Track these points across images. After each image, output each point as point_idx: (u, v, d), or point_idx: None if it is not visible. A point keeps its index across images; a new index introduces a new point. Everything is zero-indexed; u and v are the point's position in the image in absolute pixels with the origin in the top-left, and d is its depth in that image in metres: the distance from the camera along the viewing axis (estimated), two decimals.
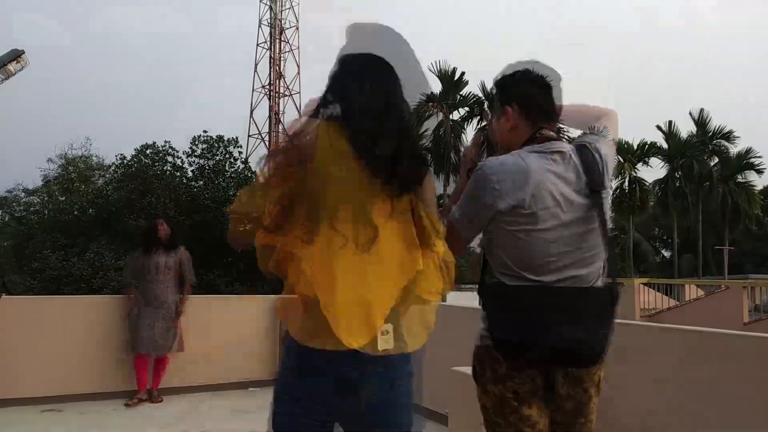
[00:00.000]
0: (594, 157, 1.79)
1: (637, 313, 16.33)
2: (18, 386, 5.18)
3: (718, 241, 35.84)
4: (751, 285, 17.02)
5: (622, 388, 3.36)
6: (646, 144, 33.03)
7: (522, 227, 1.69)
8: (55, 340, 5.35)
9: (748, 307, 15.23)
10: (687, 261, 39.41)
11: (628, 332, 3.50)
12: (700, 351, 3.00)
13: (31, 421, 4.80)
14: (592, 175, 1.75)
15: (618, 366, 3.40)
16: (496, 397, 1.75)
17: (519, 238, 1.70)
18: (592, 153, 1.80)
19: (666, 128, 34.01)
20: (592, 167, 1.76)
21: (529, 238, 1.69)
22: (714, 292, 16.54)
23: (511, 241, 1.71)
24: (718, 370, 2.86)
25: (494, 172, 1.72)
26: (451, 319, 4.99)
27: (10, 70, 20.27)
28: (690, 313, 15.24)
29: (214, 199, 20.97)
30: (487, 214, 1.73)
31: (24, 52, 20.89)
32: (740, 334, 2.93)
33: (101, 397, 5.29)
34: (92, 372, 5.38)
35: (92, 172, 26.48)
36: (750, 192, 34.10)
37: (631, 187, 32.26)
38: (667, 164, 34.23)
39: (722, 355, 2.87)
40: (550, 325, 1.64)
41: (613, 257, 1.82)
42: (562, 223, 1.69)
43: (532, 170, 1.70)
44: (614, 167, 1.92)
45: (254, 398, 5.55)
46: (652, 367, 3.20)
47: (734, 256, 37.35)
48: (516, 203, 1.68)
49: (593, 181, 1.74)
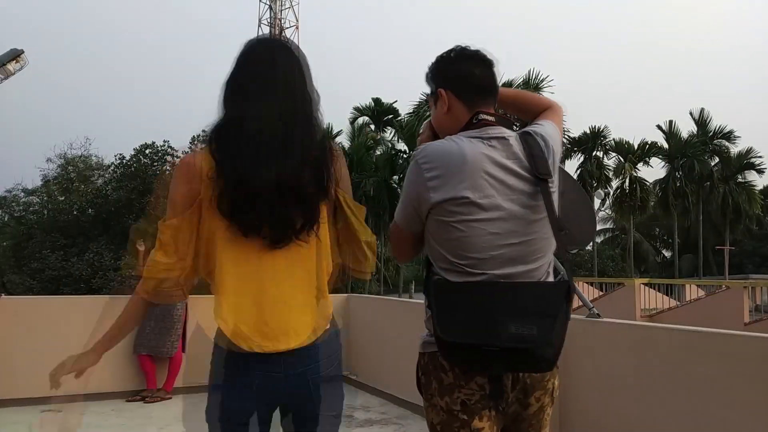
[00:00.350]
0: (539, 143, 1.66)
1: (637, 313, 16.32)
2: (17, 386, 5.17)
3: (718, 241, 35.86)
4: (751, 285, 17.02)
5: (623, 387, 3.35)
6: (646, 144, 33.05)
7: (460, 218, 1.55)
8: (54, 340, 5.34)
9: (749, 308, 15.22)
10: (687, 261, 39.41)
11: (628, 331, 3.49)
12: (700, 351, 2.99)
13: (30, 421, 4.80)
14: (537, 163, 1.62)
15: (618, 365, 3.41)
16: (443, 410, 1.60)
17: (458, 230, 1.56)
18: (536, 140, 1.67)
19: (666, 128, 34.03)
20: (536, 154, 1.63)
21: (469, 230, 1.55)
22: (714, 293, 16.53)
23: (449, 233, 1.57)
24: (719, 370, 2.85)
25: (426, 161, 1.59)
26: None
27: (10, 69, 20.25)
28: (690, 314, 15.23)
29: None
30: (423, 207, 1.60)
31: (23, 51, 20.87)
32: (741, 335, 2.92)
33: (101, 398, 5.28)
34: (92, 372, 5.37)
35: (91, 172, 26.48)
36: (751, 192, 34.11)
37: (631, 187, 32.29)
38: (667, 164, 34.24)
39: (723, 356, 2.86)
40: (497, 325, 1.46)
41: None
42: (503, 214, 1.57)
43: (468, 157, 1.56)
44: (561, 156, 1.78)
45: None
46: (653, 367, 3.19)
47: (735, 256, 37.37)
48: (452, 193, 1.55)
49: (538, 169, 1.61)
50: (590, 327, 3.68)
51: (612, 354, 3.47)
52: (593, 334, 3.64)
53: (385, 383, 5.64)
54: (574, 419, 3.69)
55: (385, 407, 5.37)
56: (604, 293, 18.90)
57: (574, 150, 31.94)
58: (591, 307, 4.04)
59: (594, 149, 31.95)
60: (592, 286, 20.37)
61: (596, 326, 3.66)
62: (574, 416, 3.70)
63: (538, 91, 30.39)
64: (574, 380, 3.71)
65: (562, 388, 4.03)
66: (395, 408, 5.29)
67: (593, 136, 31.95)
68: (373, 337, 6.04)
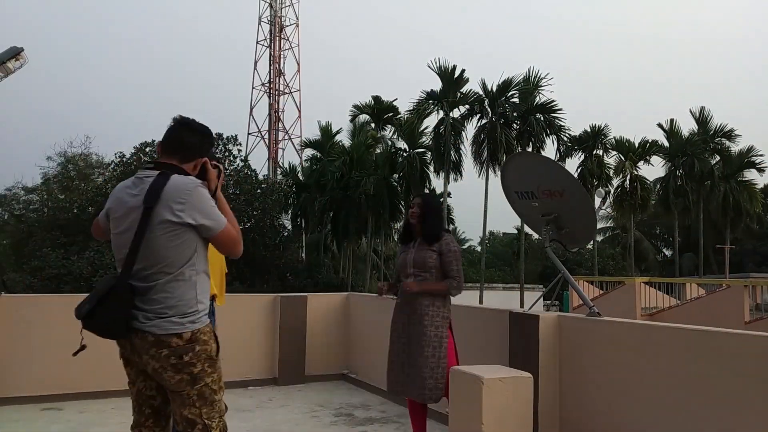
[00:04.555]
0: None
1: (637, 312, 16.31)
2: (18, 385, 5.18)
3: (719, 240, 35.80)
4: (752, 284, 16.99)
5: (623, 386, 3.35)
6: (647, 142, 32.96)
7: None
8: (54, 338, 5.34)
9: (749, 306, 15.20)
10: (688, 260, 39.37)
11: (628, 330, 3.48)
12: (700, 350, 2.99)
13: (31, 419, 4.80)
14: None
15: (618, 364, 3.40)
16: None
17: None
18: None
19: (667, 126, 33.96)
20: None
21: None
22: (715, 291, 16.51)
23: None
24: (719, 368, 2.85)
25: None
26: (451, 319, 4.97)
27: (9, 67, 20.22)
28: (691, 312, 15.22)
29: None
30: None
31: (23, 49, 20.84)
32: (741, 333, 2.92)
33: (101, 396, 5.28)
34: (92, 370, 5.36)
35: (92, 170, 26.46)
36: (751, 190, 34.03)
37: (632, 186, 32.22)
38: (668, 163, 34.17)
39: (723, 354, 2.86)
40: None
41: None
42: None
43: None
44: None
45: (254, 397, 5.55)
46: (653, 367, 3.18)
47: (735, 254, 37.32)
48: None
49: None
50: (590, 326, 3.67)
51: (612, 353, 3.46)
52: (593, 332, 3.64)
53: (385, 382, 5.63)
54: (575, 417, 3.69)
55: (384, 405, 5.37)
56: (605, 292, 18.90)
57: (574, 148, 31.87)
58: (591, 306, 4.04)
59: (594, 147, 31.88)
60: (593, 284, 20.37)
61: (596, 325, 3.65)
62: (575, 414, 3.70)
63: (537, 90, 30.34)
64: (574, 378, 3.71)
65: (562, 386, 4.04)
66: (395, 407, 5.29)
67: (594, 134, 31.87)
68: (372, 336, 6.03)
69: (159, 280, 2.25)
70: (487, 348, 4.35)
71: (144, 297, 2.24)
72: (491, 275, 38.85)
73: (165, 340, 2.23)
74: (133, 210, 2.27)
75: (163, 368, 2.25)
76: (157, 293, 2.25)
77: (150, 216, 2.22)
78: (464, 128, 31.17)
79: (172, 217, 2.23)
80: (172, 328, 2.24)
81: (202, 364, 2.30)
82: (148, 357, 2.26)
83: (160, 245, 2.23)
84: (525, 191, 4.41)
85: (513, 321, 4.09)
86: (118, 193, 2.39)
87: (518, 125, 30.64)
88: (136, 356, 2.29)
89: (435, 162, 30.98)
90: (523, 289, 30.13)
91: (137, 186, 2.31)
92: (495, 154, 29.49)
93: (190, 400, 2.28)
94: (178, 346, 2.24)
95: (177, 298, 2.26)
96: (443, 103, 30.50)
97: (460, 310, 5.01)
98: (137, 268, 2.24)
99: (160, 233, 2.23)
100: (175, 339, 2.24)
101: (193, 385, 2.28)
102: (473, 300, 27.58)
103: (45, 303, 5.77)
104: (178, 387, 2.27)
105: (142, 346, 2.25)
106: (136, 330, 2.23)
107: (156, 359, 2.25)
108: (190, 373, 2.26)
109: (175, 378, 2.26)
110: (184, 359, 2.25)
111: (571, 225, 4.27)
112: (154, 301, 2.24)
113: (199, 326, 2.31)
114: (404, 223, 4.11)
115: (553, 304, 23.76)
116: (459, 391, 3.44)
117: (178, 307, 2.25)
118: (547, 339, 3.76)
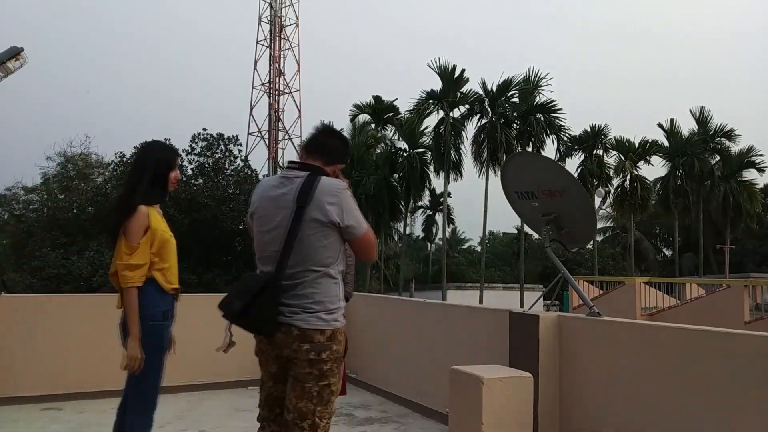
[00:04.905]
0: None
1: (637, 312, 16.30)
2: (18, 385, 5.17)
3: (719, 240, 35.81)
4: (752, 284, 16.98)
5: (623, 386, 3.35)
6: (647, 142, 32.99)
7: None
8: (54, 338, 5.34)
9: (749, 306, 15.19)
10: (688, 260, 39.39)
11: (628, 330, 3.48)
12: (700, 350, 2.99)
13: (31, 419, 4.80)
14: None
15: (618, 364, 3.40)
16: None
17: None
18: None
19: (667, 126, 33.97)
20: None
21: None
22: (715, 291, 16.49)
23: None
24: (719, 368, 2.85)
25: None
26: (451, 319, 4.98)
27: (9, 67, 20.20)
28: (691, 312, 15.21)
29: (213, 198, 20.93)
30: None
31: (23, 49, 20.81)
32: (741, 333, 2.92)
33: (101, 396, 5.27)
34: (92, 370, 5.36)
35: (91, 170, 26.44)
36: (751, 190, 34.05)
37: (632, 186, 32.24)
38: (668, 162, 34.19)
39: (723, 354, 2.85)
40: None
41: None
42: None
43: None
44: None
45: (254, 397, 5.53)
46: (653, 367, 3.18)
47: (735, 254, 37.32)
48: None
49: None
50: (591, 325, 3.67)
51: (612, 353, 3.46)
52: (594, 332, 3.64)
53: (385, 382, 5.64)
54: (575, 417, 3.69)
55: (384, 405, 5.36)
56: (605, 292, 18.89)
57: (574, 148, 31.90)
58: (591, 306, 4.04)
59: (594, 147, 31.90)
60: (593, 284, 20.36)
61: (597, 325, 3.65)
62: (575, 414, 3.69)
63: (537, 90, 30.35)
64: (574, 378, 3.71)
65: (562, 386, 4.03)
66: (395, 406, 5.29)
67: (594, 134, 31.90)
68: (372, 336, 6.03)
69: (307, 278, 2.30)
70: (487, 348, 4.34)
71: (290, 293, 2.29)
72: (491, 275, 38.83)
73: (309, 335, 2.27)
74: (282, 208, 2.32)
75: (299, 360, 2.29)
76: (305, 289, 2.30)
77: (302, 215, 2.27)
78: (464, 128, 31.22)
79: (322, 217, 2.28)
80: (318, 323, 2.29)
81: (332, 364, 2.33)
82: (289, 350, 2.30)
83: (310, 244, 2.29)
84: (525, 191, 4.41)
85: (513, 321, 4.08)
86: (265, 192, 2.44)
87: (518, 125, 30.66)
88: (276, 350, 2.34)
89: (435, 162, 30.99)
90: (523, 289, 30.14)
91: (285, 185, 2.36)
92: (495, 154, 29.51)
93: (310, 394, 2.30)
94: (319, 343, 2.29)
95: (323, 294, 2.32)
96: (443, 103, 30.51)
97: (460, 310, 5.01)
98: (287, 265, 2.29)
99: (311, 232, 2.28)
100: (318, 335, 2.29)
101: (318, 381, 2.30)
102: (473, 300, 27.59)
103: (45, 303, 5.77)
104: (305, 378, 2.30)
105: (285, 340, 2.29)
106: (280, 324, 2.28)
107: (296, 352, 2.29)
108: (320, 370, 2.30)
109: (306, 370, 2.29)
110: (322, 356, 2.29)
111: (571, 225, 4.27)
112: (302, 296, 2.29)
113: (339, 326, 2.37)
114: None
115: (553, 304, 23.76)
116: (459, 391, 3.44)
117: (324, 303, 2.31)
118: (547, 339, 3.76)
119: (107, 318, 5.60)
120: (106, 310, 5.58)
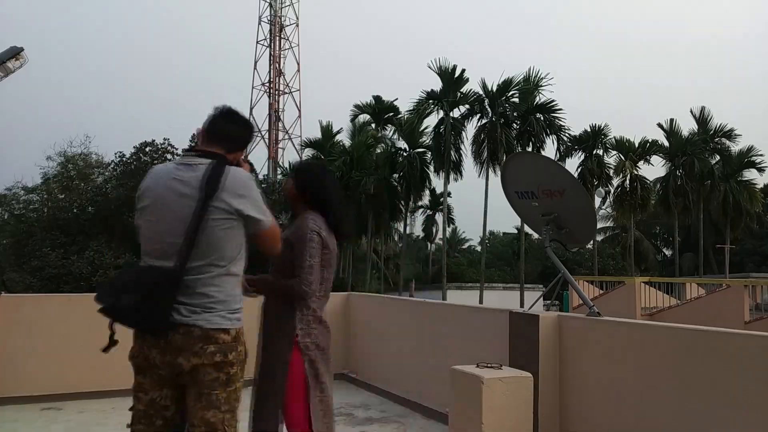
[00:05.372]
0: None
1: (637, 312, 16.30)
2: (18, 384, 5.17)
3: (719, 240, 35.81)
4: (752, 284, 16.99)
5: (623, 386, 3.35)
6: (647, 142, 32.98)
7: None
8: (54, 338, 5.34)
9: (749, 306, 15.19)
10: (688, 259, 39.38)
11: (628, 330, 3.48)
12: (701, 350, 2.99)
13: (31, 419, 4.80)
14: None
15: (618, 363, 3.40)
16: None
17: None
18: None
19: (667, 126, 33.97)
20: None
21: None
22: (715, 291, 16.49)
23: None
24: (719, 368, 2.85)
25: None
26: (451, 319, 4.98)
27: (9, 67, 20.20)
28: (691, 312, 15.21)
29: None
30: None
31: (23, 49, 20.82)
32: (741, 333, 2.92)
33: (101, 396, 5.28)
34: (92, 370, 5.36)
35: (91, 170, 26.41)
36: (751, 190, 34.03)
37: (632, 186, 32.24)
38: (668, 162, 34.18)
39: (723, 354, 2.86)
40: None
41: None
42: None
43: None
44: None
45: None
46: (653, 366, 3.18)
47: (735, 254, 37.31)
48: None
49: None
50: (590, 325, 3.67)
51: (612, 352, 3.46)
52: (593, 332, 3.64)
53: (385, 381, 5.64)
54: (574, 416, 3.69)
55: (384, 405, 5.36)
56: (605, 292, 18.89)
57: (574, 148, 31.89)
58: (591, 306, 4.04)
59: (594, 147, 31.89)
60: (593, 284, 20.36)
61: (597, 324, 3.65)
62: (574, 414, 3.69)
63: (537, 90, 30.35)
64: (574, 378, 3.71)
65: (562, 386, 4.03)
66: (395, 406, 5.28)
67: (594, 134, 31.89)
68: (372, 336, 6.03)
69: (209, 273, 2.12)
70: (487, 348, 4.34)
71: (189, 290, 2.10)
72: (491, 275, 38.82)
73: (213, 335, 2.10)
74: (184, 197, 2.13)
75: (204, 366, 2.10)
76: (205, 287, 2.12)
77: (208, 205, 2.10)
78: (464, 128, 31.20)
79: (230, 209, 2.12)
80: (222, 323, 2.12)
81: (238, 367, 2.18)
82: (189, 353, 2.09)
83: (215, 236, 2.12)
84: (525, 191, 4.41)
85: (513, 321, 4.08)
86: (160, 179, 2.22)
87: (518, 125, 30.65)
88: (169, 356, 2.11)
89: (435, 162, 30.99)
90: (523, 289, 30.13)
91: (186, 172, 2.17)
92: (495, 154, 29.50)
93: (218, 402, 2.12)
94: (225, 343, 2.12)
95: (226, 293, 2.15)
96: (443, 103, 30.50)
97: (459, 310, 5.01)
98: (190, 258, 2.10)
99: (216, 224, 2.12)
100: (223, 335, 2.12)
101: (225, 387, 2.14)
102: (473, 300, 27.58)
103: (45, 303, 5.77)
104: (211, 387, 2.12)
105: (185, 342, 2.09)
106: (178, 324, 2.08)
107: (199, 356, 2.09)
108: (227, 374, 2.14)
109: (212, 376, 2.11)
110: (229, 357, 2.13)
111: (571, 225, 4.27)
112: (202, 294, 2.11)
113: (241, 326, 2.21)
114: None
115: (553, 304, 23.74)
116: (459, 391, 3.44)
117: (227, 302, 2.15)
118: (547, 339, 3.76)
119: (107, 318, 5.63)
120: None
